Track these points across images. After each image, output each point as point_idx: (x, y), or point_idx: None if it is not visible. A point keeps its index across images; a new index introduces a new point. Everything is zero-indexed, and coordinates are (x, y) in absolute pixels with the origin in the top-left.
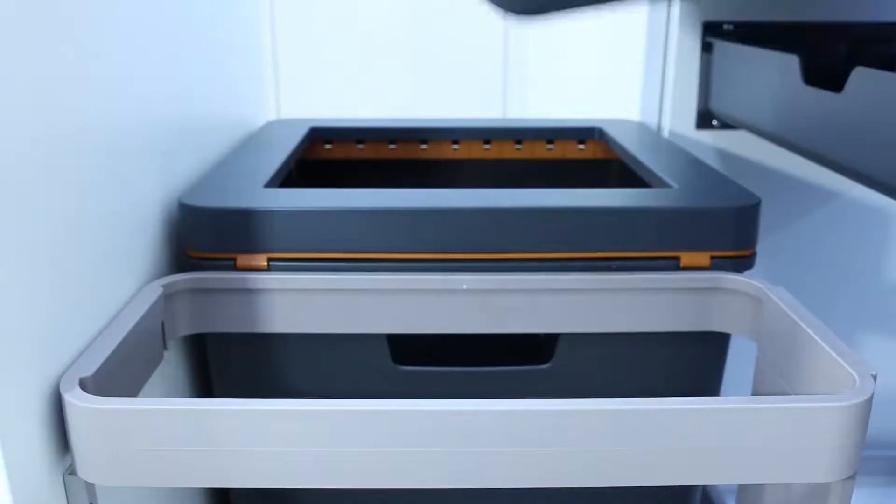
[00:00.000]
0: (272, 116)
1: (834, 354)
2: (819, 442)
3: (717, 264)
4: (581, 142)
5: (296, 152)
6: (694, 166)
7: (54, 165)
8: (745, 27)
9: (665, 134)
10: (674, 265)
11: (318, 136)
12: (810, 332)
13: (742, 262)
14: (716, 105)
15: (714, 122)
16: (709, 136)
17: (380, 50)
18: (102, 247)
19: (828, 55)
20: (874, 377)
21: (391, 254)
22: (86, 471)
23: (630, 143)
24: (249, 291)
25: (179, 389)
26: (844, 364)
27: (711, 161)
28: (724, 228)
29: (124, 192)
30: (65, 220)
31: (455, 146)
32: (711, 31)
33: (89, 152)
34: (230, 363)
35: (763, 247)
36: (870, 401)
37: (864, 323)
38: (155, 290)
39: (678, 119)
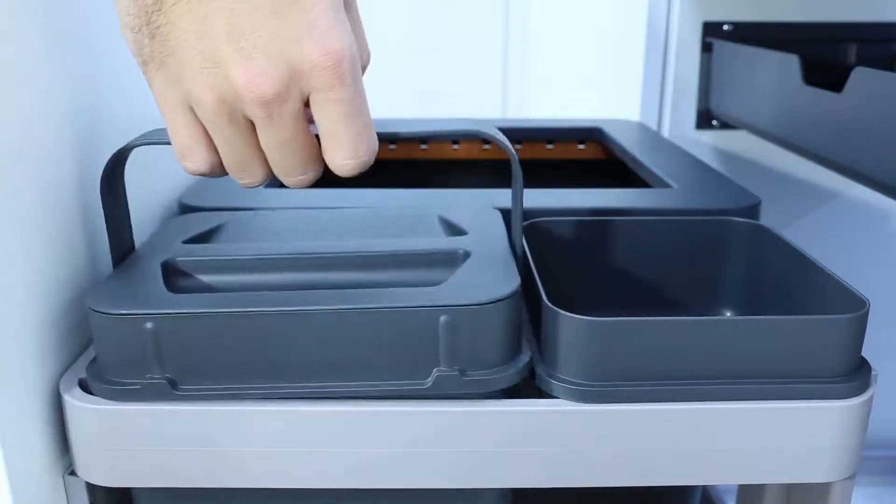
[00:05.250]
0: None
1: None
2: (819, 442)
3: None
4: (581, 142)
5: None
6: (694, 166)
7: (55, 165)
8: (745, 27)
9: (665, 134)
10: None
11: None
12: None
13: None
14: (716, 105)
15: (714, 122)
16: (709, 136)
17: (380, 50)
18: (102, 245)
19: (828, 55)
20: (874, 377)
21: None
22: (86, 471)
23: (630, 144)
24: None
25: None
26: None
27: (711, 161)
28: None
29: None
30: (65, 221)
31: (455, 146)
32: (711, 31)
33: (91, 152)
34: None
35: None
36: (870, 401)
37: None
38: None
39: (678, 119)
